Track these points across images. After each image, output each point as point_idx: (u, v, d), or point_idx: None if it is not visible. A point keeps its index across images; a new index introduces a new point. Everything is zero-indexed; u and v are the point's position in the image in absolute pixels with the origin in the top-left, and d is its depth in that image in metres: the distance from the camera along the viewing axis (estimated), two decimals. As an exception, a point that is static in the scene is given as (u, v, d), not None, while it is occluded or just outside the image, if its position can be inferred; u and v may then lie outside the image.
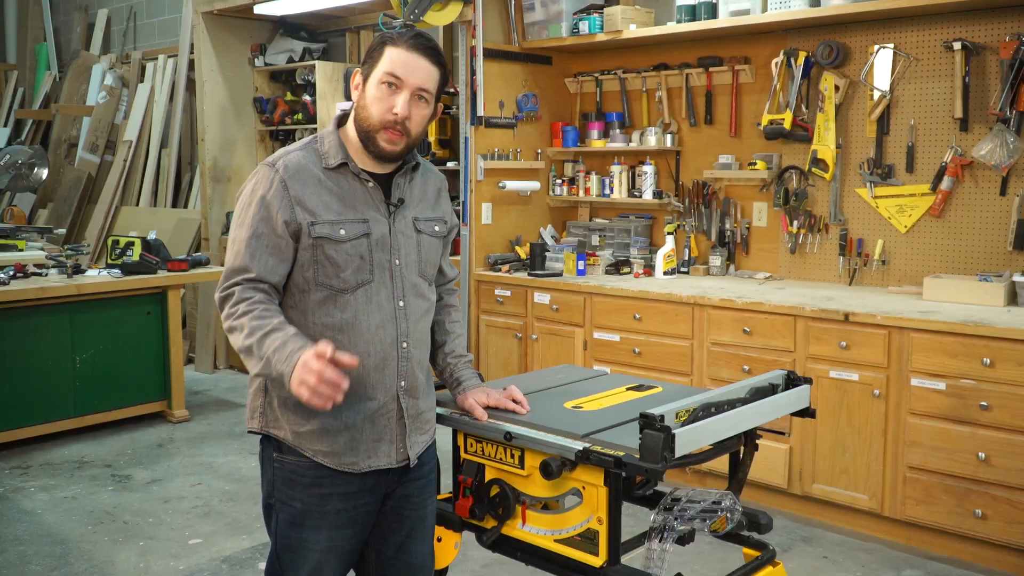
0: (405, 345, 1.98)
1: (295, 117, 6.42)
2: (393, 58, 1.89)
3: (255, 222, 1.89)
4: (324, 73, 6.11)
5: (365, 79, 1.94)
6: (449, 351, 2.21)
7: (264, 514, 2.05)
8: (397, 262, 1.97)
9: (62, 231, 6.69)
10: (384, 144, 1.92)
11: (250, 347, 1.83)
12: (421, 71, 1.90)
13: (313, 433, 1.94)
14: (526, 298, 4.75)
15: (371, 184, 1.96)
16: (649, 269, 4.75)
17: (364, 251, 1.93)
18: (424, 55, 1.91)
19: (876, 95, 4.10)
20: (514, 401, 2.16)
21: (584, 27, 4.79)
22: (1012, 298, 3.67)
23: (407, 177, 2.03)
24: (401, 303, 1.98)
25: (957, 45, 3.83)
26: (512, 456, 2.09)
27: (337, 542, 1.98)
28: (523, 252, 5.03)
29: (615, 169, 5.00)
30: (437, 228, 2.08)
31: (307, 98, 6.32)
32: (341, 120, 2.02)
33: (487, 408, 2.14)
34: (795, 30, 4.33)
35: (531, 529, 2.10)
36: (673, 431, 1.78)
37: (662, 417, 1.79)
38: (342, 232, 1.90)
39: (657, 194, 4.89)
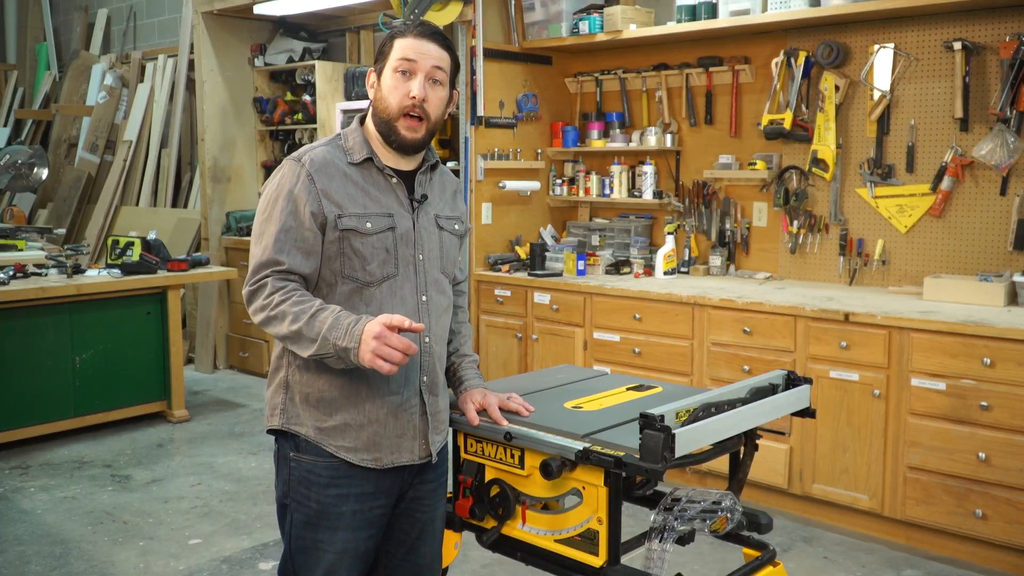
0: (427, 340, 2.00)
1: (295, 117, 6.42)
2: (403, 46, 1.94)
3: (283, 216, 1.90)
4: (324, 73, 6.11)
5: (379, 75, 1.98)
6: (454, 350, 2.22)
7: (278, 514, 2.05)
8: (421, 257, 2.00)
9: (62, 231, 6.69)
10: (404, 132, 1.94)
11: (299, 331, 1.84)
12: (431, 54, 1.95)
13: (336, 429, 1.95)
14: (526, 298, 4.75)
15: (395, 180, 1.99)
16: (649, 269, 4.75)
17: (390, 244, 1.94)
18: (432, 40, 1.96)
19: (876, 95, 4.10)
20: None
21: (584, 27, 4.79)
22: (1012, 298, 3.67)
23: (427, 175, 2.06)
24: (424, 298, 2.00)
25: (957, 45, 3.83)
26: (512, 456, 2.09)
27: (352, 544, 1.98)
28: (523, 252, 5.03)
29: (615, 169, 5.00)
30: (456, 227, 2.12)
31: (307, 98, 6.32)
32: (363, 118, 2.04)
33: (483, 411, 2.13)
34: (795, 30, 4.33)
35: (531, 529, 2.10)
36: (673, 431, 1.78)
37: (662, 417, 1.79)
38: (368, 225, 1.92)
39: (657, 194, 4.89)
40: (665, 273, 4.62)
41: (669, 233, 4.71)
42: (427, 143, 2.01)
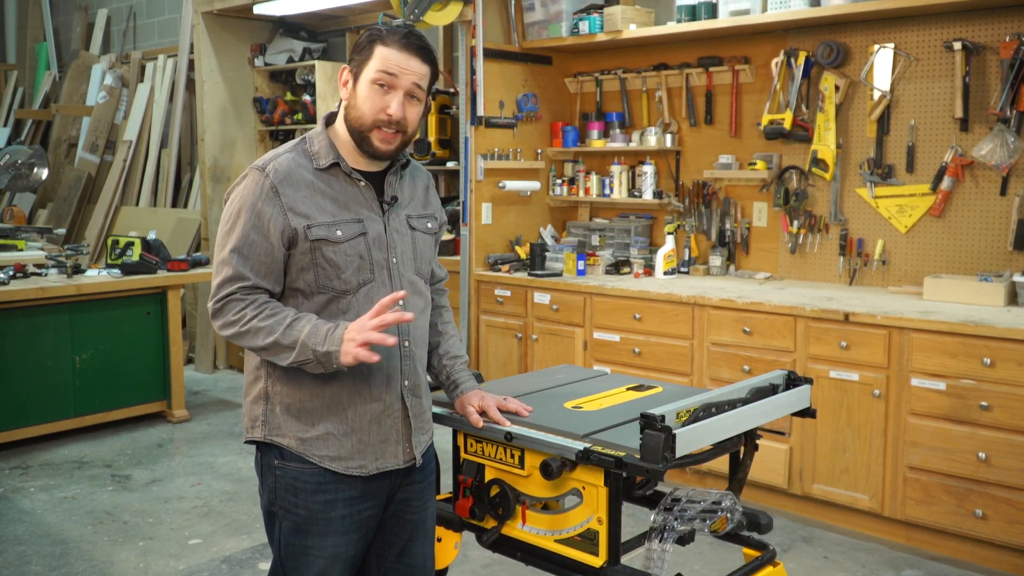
0: (407, 344, 1.98)
1: (295, 117, 6.42)
2: (385, 57, 1.87)
3: (247, 230, 1.86)
4: (324, 73, 6.11)
5: (355, 77, 1.90)
6: (444, 352, 2.20)
7: (265, 522, 2.03)
8: (394, 260, 1.96)
9: (62, 231, 6.69)
10: (379, 144, 1.89)
11: (276, 342, 1.82)
12: (413, 70, 1.88)
13: (319, 439, 1.92)
14: (526, 298, 4.75)
15: (363, 183, 1.94)
16: (649, 269, 4.75)
17: (363, 250, 1.91)
18: (415, 54, 1.88)
19: (876, 95, 4.10)
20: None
21: (584, 27, 4.79)
22: (1012, 298, 3.68)
23: (398, 175, 2.01)
24: (401, 302, 1.95)
25: (957, 45, 3.83)
26: (512, 456, 2.09)
27: (342, 548, 1.96)
28: (523, 252, 5.03)
29: (615, 169, 5.00)
30: (430, 225, 2.07)
31: (307, 98, 6.32)
32: (329, 119, 1.99)
33: (482, 413, 2.13)
34: (795, 30, 4.33)
35: (531, 529, 2.10)
36: (674, 431, 1.78)
37: (663, 417, 1.79)
38: (339, 233, 1.88)
39: (657, 194, 4.89)
40: (665, 273, 4.62)
41: (669, 233, 4.71)
42: (399, 153, 1.96)
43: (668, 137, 4.83)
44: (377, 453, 1.96)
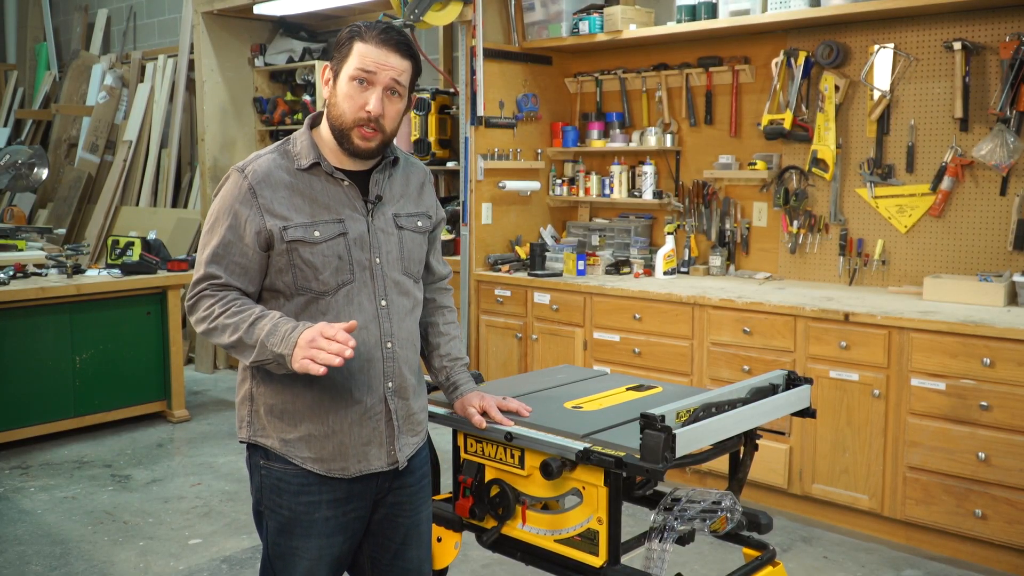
0: (390, 345, 1.94)
1: (295, 117, 6.43)
2: (363, 54, 1.85)
3: (223, 230, 1.87)
4: (324, 73, 6.11)
5: (335, 75, 1.89)
6: (445, 354, 2.18)
7: (255, 520, 2.03)
8: (378, 260, 1.94)
9: (62, 231, 6.69)
10: (358, 141, 1.88)
11: (239, 340, 1.81)
12: (392, 66, 1.86)
13: (301, 440, 1.91)
14: (526, 298, 4.75)
15: (346, 183, 1.92)
16: (649, 269, 4.75)
17: (342, 251, 1.89)
18: (394, 49, 1.86)
19: (876, 95, 4.10)
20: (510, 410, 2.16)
21: (584, 27, 4.79)
22: (1012, 298, 3.68)
23: (386, 173, 1.99)
24: (383, 302, 1.94)
25: (957, 45, 3.83)
26: (512, 456, 2.09)
27: (327, 550, 1.95)
28: (523, 252, 5.03)
29: (615, 169, 5.00)
30: (420, 223, 2.04)
31: (307, 98, 6.33)
32: (316, 119, 1.98)
33: (484, 414, 2.13)
34: (795, 30, 4.33)
35: (531, 529, 2.10)
36: (674, 431, 1.79)
37: (663, 417, 1.79)
38: (316, 234, 1.87)
39: (657, 194, 4.89)
40: (665, 273, 4.62)
41: (669, 233, 4.71)
42: (382, 151, 1.94)
43: (668, 137, 4.83)
44: (359, 456, 1.94)
